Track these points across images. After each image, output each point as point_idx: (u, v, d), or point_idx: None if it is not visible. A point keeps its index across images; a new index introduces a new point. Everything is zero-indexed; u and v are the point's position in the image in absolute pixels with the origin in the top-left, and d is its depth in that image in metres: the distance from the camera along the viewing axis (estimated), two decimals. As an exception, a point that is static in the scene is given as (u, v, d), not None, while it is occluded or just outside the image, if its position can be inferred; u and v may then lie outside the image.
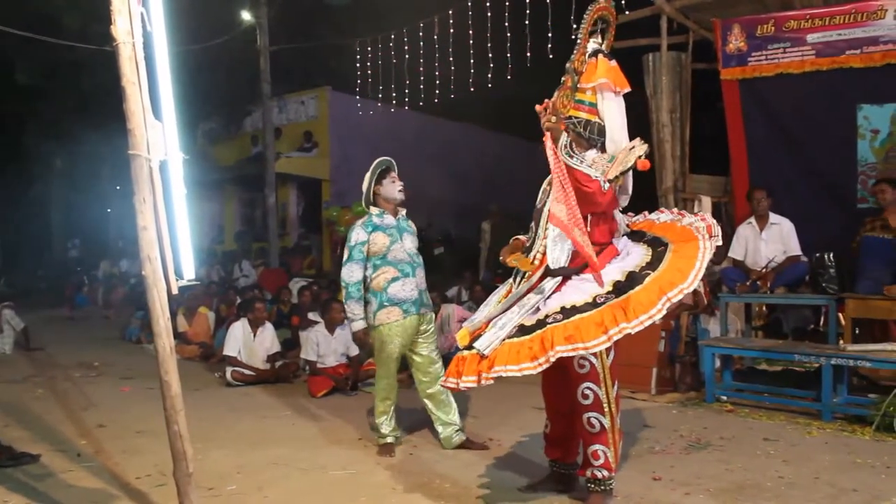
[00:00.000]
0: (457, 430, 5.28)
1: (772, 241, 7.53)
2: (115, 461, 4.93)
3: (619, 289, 3.59)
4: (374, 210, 5.40)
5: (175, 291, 3.36)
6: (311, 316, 8.82)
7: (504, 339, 3.59)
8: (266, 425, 6.08)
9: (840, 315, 6.98)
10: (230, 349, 8.01)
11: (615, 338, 3.44)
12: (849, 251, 6.98)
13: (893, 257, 6.56)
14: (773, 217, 7.58)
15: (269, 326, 8.41)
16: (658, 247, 3.90)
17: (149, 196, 3.29)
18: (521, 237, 4.25)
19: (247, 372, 7.91)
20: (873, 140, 8.15)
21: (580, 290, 3.67)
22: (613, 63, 4.01)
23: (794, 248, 7.40)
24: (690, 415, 6.22)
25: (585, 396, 3.78)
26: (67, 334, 12.44)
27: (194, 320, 10.50)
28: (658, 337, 6.93)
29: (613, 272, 3.73)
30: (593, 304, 3.55)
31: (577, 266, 3.77)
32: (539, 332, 3.52)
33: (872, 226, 7.03)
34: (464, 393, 3.89)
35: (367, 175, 5.36)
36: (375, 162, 5.38)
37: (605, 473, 3.85)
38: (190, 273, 3.51)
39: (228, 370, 7.92)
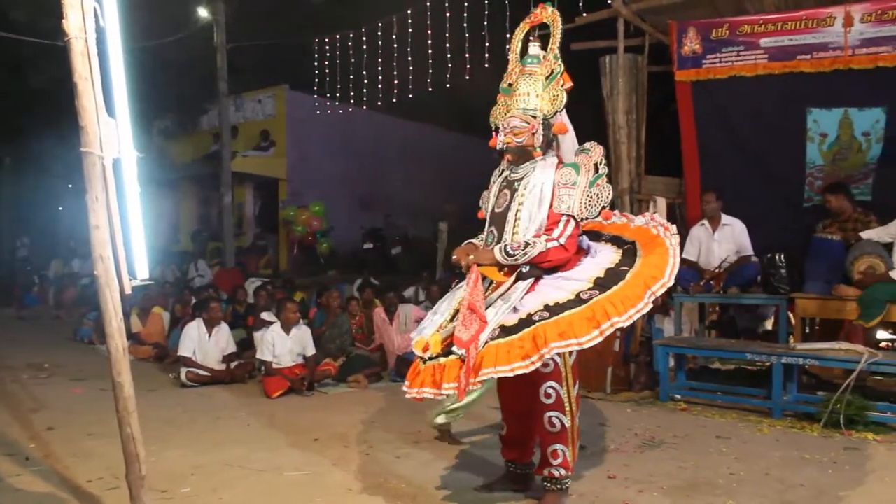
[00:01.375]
0: (448, 415, 5.11)
1: (724, 241, 7.66)
2: (66, 464, 4.84)
3: (602, 284, 3.64)
4: None
5: (128, 291, 3.31)
6: (267, 316, 8.76)
7: (487, 342, 3.55)
8: (221, 426, 6.02)
9: (791, 314, 7.13)
10: (185, 349, 7.92)
11: (607, 332, 3.48)
12: (799, 251, 7.13)
13: (841, 258, 6.71)
14: (725, 218, 7.72)
15: (224, 327, 8.34)
16: (623, 245, 3.96)
17: (101, 194, 3.24)
18: (474, 241, 4.24)
19: (202, 372, 7.83)
20: (822, 143, 8.33)
21: (560, 287, 3.70)
22: None
23: (746, 249, 7.54)
24: (645, 413, 6.29)
25: (548, 396, 3.80)
26: (16, 335, 12.18)
27: (148, 321, 10.37)
28: (613, 336, 7.00)
29: (591, 269, 3.78)
30: (578, 301, 3.57)
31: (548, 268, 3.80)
32: (528, 329, 3.49)
33: (824, 226, 7.22)
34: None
35: None
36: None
37: (563, 472, 3.88)
38: (144, 273, 3.46)
39: (183, 371, 7.83)
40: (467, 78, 10.44)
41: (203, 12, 14.62)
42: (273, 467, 4.78)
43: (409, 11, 11.06)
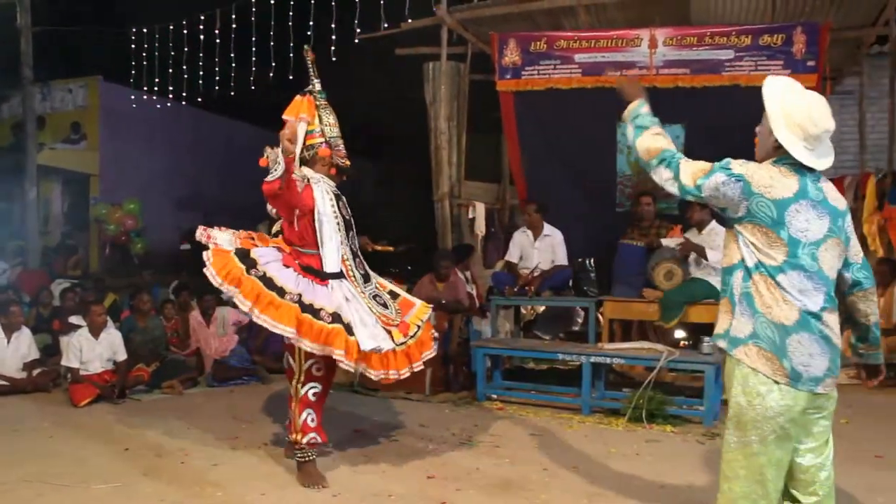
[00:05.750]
0: None
1: (544, 250, 8.01)
2: None
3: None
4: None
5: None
6: (74, 320, 8.27)
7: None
8: (20, 439, 5.63)
9: (599, 316, 7.53)
10: (-21, 357, 7.35)
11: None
12: (608, 256, 7.56)
13: (644, 263, 7.18)
14: (547, 228, 8.06)
15: (25, 331, 7.81)
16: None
17: None
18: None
19: (-1, 381, 7.31)
20: (629, 155, 8.89)
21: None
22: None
23: (562, 259, 7.93)
24: (462, 413, 6.45)
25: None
26: None
27: (-64, 326, 9.52)
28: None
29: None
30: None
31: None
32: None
33: (632, 234, 7.70)
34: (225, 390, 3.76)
35: None
36: None
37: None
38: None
39: (-24, 380, 7.27)
40: (291, 78, 10.29)
41: (3, -11, 13.56)
42: (79, 481, 4.53)
43: (233, 5, 10.77)
